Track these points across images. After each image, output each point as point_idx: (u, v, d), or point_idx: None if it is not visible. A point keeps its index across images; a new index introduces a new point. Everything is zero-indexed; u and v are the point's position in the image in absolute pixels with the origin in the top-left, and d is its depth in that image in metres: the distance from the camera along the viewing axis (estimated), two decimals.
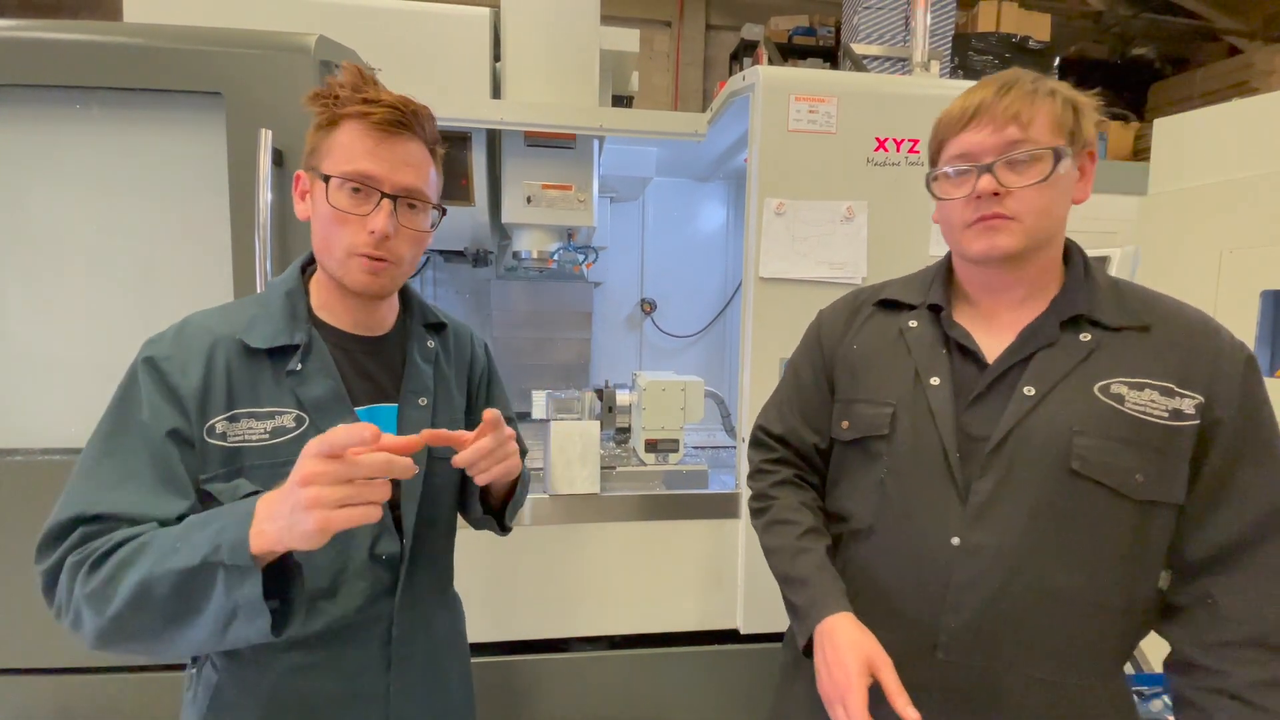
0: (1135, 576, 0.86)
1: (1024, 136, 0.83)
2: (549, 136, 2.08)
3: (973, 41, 5.21)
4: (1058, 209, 0.86)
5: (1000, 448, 0.86)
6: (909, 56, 2.34)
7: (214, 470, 0.83)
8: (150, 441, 0.80)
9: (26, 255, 1.51)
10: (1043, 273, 0.91)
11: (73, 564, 0.74)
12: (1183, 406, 0.82)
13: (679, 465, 1.99)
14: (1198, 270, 3.77)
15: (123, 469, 0.79)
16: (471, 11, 1.97)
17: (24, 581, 1.56)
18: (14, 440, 1.53)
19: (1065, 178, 0.85)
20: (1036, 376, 0.87)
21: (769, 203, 1.79)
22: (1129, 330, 0.86)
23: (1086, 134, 0.85)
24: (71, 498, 0.78)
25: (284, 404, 0.87)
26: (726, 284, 2.94)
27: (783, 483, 1.07)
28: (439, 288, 2.77)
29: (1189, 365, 0.83)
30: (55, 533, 0.77)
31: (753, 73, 1.80)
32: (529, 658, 1.85)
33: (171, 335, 0.87)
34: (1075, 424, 0.84)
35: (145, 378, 0.83)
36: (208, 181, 1.51)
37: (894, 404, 0.94)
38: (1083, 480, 0.83)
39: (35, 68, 1.42)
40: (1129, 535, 0.83)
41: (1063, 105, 0.84)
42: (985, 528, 0.86)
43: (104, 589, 0.72)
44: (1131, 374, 0.84)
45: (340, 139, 0.87)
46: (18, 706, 1.64)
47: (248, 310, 0.91)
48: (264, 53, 1.45)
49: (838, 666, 0.83)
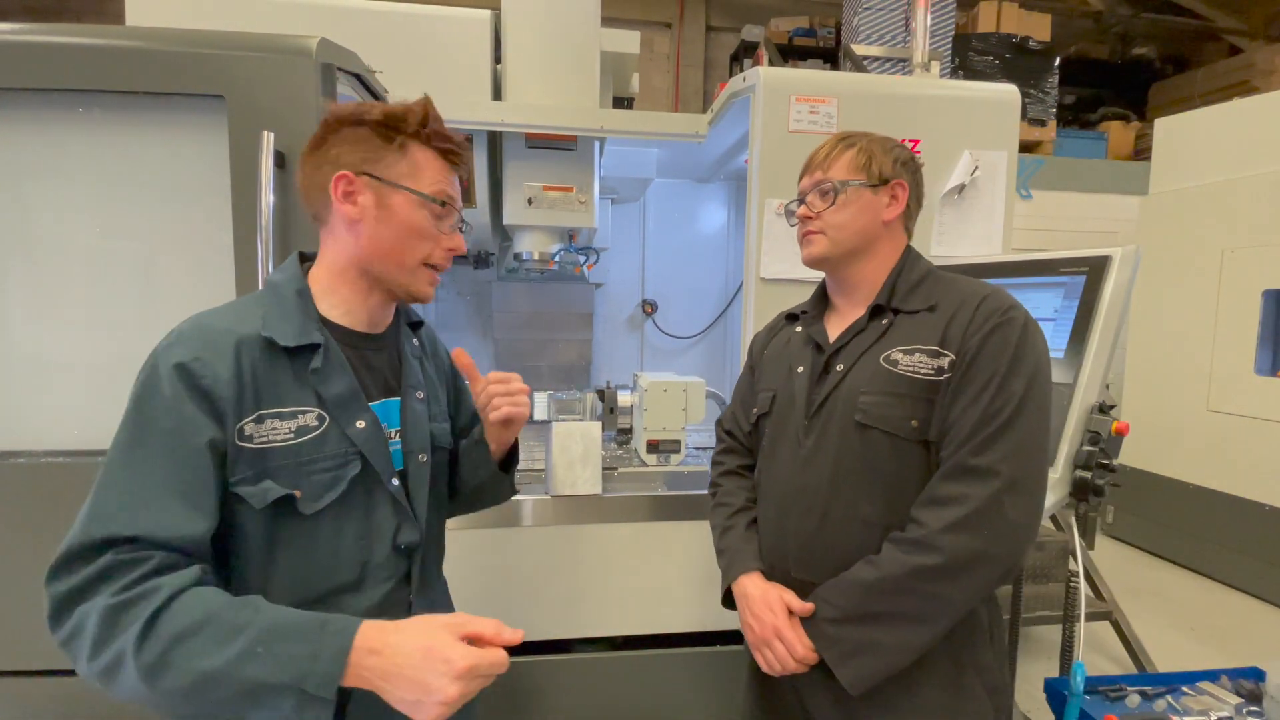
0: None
1: (825, 176, 1.13)
2: (550, 138, 2.09)
3: (973, 42, 5.21)
4: (856, 224, 1.11)
5: (819, 411, 1.10)
6: (909, 57, 2.35)
7: (242, 473, 0.81)
8: (181, 454, 0.77)
9: (29, 258, 1.52)
10: (867, 279, 1.14)
11: (112, 607, 0.69)
12: (943, 364, 1.01)
13: (680, 466, 2.00)
14: (1199, 270, 3.76)
15: (151, 485, 0.75)
16: (472, 14, 1.97)
17: (25, 583, 1.56)
18: (16, 443, 1.54)
19: (861, 202, 1.10)
20: (847, 356, 1.11)
21: (770, 203, 1.79)
22: (922, 312, 1.07)
23: (884, 172, 1.11)
24: (99, 516, 0.73)
25: (306, 403, 0.87)
26: (727, 285, 2.95)
27: (727, 472, 1.32)
28: (440, 289, 2.77)
29: (949, 330, 1.03)
30: (79, 553, 0.72)
31: (753, 74, 1.80)
32: (531, 659, 1.85)
33: (195, 337, 0.82)
34: (862, 386, 1.06)
35: (175, 384, 0.78)
36: (210, 184, 1.51)
37: (775, 389, 1.21)
38: (869, 430, 1.04)
39: (38, 71, 1.43)
40: (917, 470, 1.03)
41: (858, 152, 1.12)
42: (809, 473, 1.10)
43: (161, 661, 0.68)
44: (907, 342, 1.05)
45: (418, 159, 0.93)
46: (20, 709, 1.64)
47: (258, 308, 0.88)
48: (266, 56, 1.45)
49: (757, 615, 1.07)
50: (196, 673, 0.67)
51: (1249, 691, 1.72)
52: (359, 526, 0.90)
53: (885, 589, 0.98)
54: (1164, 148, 4.06)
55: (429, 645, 0.71)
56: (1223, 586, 3.58)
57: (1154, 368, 3.95)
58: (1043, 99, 5.24)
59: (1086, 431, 1.34)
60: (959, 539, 0.94)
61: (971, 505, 0.94)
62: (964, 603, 0.97)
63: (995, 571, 0.96)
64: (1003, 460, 0.95)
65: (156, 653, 0.67)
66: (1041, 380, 1.00)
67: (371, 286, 0.95)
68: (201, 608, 0.70)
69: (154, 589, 0.70)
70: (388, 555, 0.94)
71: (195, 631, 0.68)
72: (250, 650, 0.68)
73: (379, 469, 0.91)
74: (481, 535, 1.77)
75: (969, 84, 1.98)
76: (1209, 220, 3.70)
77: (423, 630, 0.73)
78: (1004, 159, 1.91)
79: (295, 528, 0.85)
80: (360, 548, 0.90)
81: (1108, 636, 2.78)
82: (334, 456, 0.87)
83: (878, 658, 0.98)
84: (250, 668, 0.67)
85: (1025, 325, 1.01)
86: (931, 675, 1.03)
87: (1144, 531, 4.06)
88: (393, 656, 0.70)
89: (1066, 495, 1.35)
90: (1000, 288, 1.07)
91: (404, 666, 0.69)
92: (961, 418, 0.98)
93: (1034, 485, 0.98)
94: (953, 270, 1.37)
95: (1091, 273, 1.43)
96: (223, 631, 0.69)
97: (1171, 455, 3.84)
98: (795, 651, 1.02)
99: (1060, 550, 2.83)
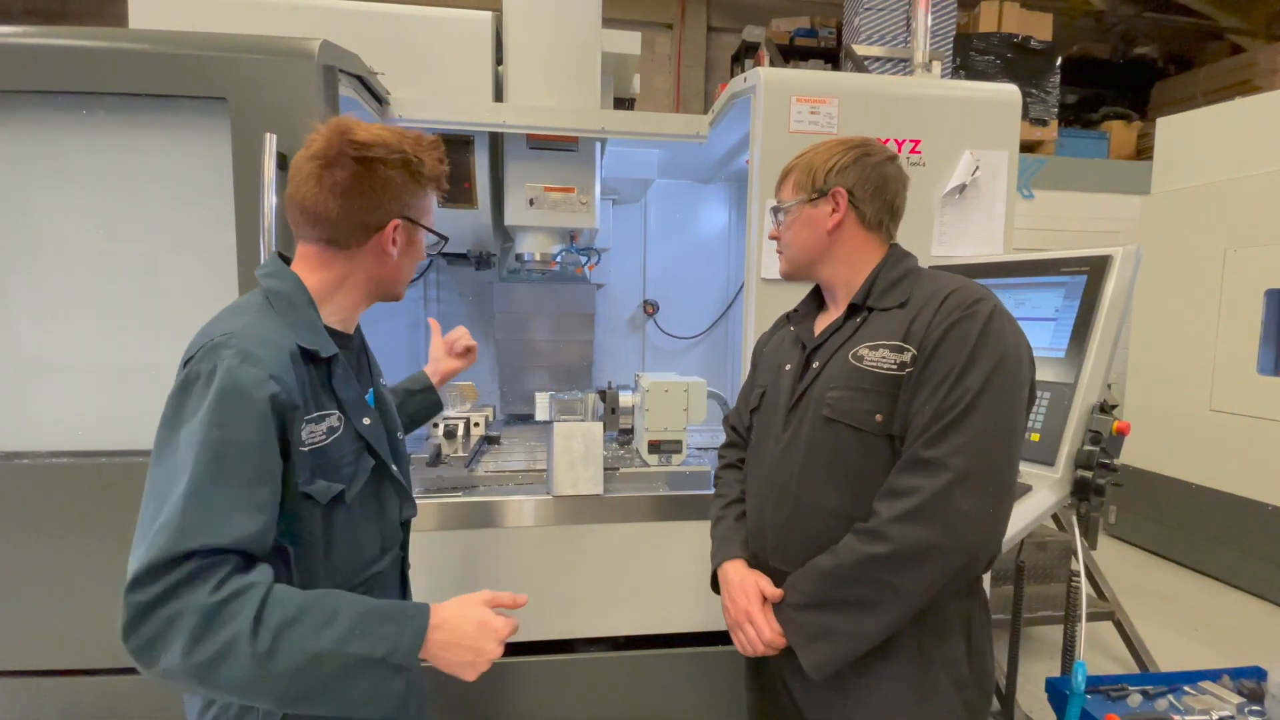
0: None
1: (777, 199, 1.24)
2: (551, 139, 2.09)
3: (974, 42, 5.21)
4: (800, 240, 1.18)
5: (795, 407, 1.15)
6: (910, 57, 2.35)
7: (303, 475, 0.90)
8: (264, 467, 0.83)
9: (32, 259, 1.52)
10: (840, 282, 1.18)
11: (215, 604, 0.76)
12: (905, 358, 1.03)
13: (682, 466, 2.00)
14: (1201, 269, 3.75)
15: (238, 498, 0.81)
16: (473, 15, 1.97)
17: (29, 583, 1.57)
18: (21, 443, 1.54)
19: (803, 218, 1.17)
20: (823, 353, 1.14)
21: (771, 204, 1.79)
22: (893, 309, 1.09)
23: (817, 184, 1.15)
24: (188, 528, 0.77)
25: (329, 406, 0.97)
26: (729, 285, 2.95)
27: (728, 465, 1.39)
28: (442, 290, 2.78)
29: (914, 325, 1.04)
30: (166, 563, 0.76)
31: (754, 74, 1.81)
32: (533, 659, 1.85)
33: (263, 353, 0.87)
34: (831, 382, 1.10)
35: (258, 400, 0.83)
36: (212, 186, 1.52)
37: (765, 386, 1.26)
38: (835, 424, 1.08)
39: (41, 73, 1.44)
40: (882, 463, 1.05)
41: (800, 171, 1.18)
42: (783, 467, 1.15)
43: (273, 647, 0.77)
44: (874, 338, 1.08)
45: (429, 203, 1.07)
46: (22, 708, 1.65)
47: (280, 319, 0.94)
48: (268, 58, 1.46)
49: (734, 599, 1.14)
50: (308, 653, 0.79)
51: (1251, 691, 1.72)
52: (376, 509, 1.06)
53: (841, 577, 1.02)
54: (1166, 147, 4.06)
55: (481, 619, 0.90)
56: (1225, 586, 3.58)
57: (1156, 367, 3.94)
58: (1044, 98, 5.23)
59: (1088, 431, 1.34)
60: (907, 529, 0.96)
61: (921, 497, 0.96)
62: (918, 592, 0.98)
63: (949, 563, 0.97)
64: (954, 453, 0.96)
65: (269, 640, 0.77)
66: (1005, 372, 0.99)
67: (371, 297, 1.07)
68: (294, 601, 0.81)
69: (249, 586, 0.79)
70: (395, 529, 1.11)
71: (297, 620, 0.79)
72: (350, 633, 0.81)
73: (384, 457, 1.05)
74: (483, 535, 1.78)
75: (969, 84, 1.98)
76: (1211, 220, 3.69)
77: (471, 606, 0.92)
78: (1005, 159, 1.91)
79: (340, 516, 0.97)
80: (378, 527, 1.06)
81: (1110, 636, 2.78)
82: (353, 451, 1.00)
83: (835, 643, 1.02)
84: (352, 645, 0.81)
85: (990, 318, 1.00)
86: (896, 665, 1.05)
87: (1146, 531, 4.05)
88: (452, 631, 0.88)
89: (1068, 495, 1.35)
90: (973, 282, 1.08)
91: (463, 637, 0.89)
92: (919, 412, 1.00)
93: (990, 478, 0.97)
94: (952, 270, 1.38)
95: (1092, 272, 1.43)
96: (321, 619, 0.81)
97: (1173, 455, 3.84)
98: (763, 635, 1.08)
99: (1062, 550, 2.83)
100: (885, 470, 1.05)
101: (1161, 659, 2.65)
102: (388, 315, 2.75)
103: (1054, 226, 4.94)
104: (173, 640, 0.75)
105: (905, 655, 1.05)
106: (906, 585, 0.98)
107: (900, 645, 1.05)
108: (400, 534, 1.15)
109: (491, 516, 1.78)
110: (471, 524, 1.77)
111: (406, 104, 1.84)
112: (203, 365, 0.84)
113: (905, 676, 1.06)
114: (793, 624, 1.07)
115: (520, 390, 2.74)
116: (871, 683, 1.07)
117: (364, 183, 0.96)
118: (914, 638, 1.05)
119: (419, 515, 1.21)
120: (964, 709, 1.07)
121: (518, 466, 2.00)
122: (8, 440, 1.54)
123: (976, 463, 0.96)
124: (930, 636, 1.06)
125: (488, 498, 1.79)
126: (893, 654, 1.05)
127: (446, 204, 2.11)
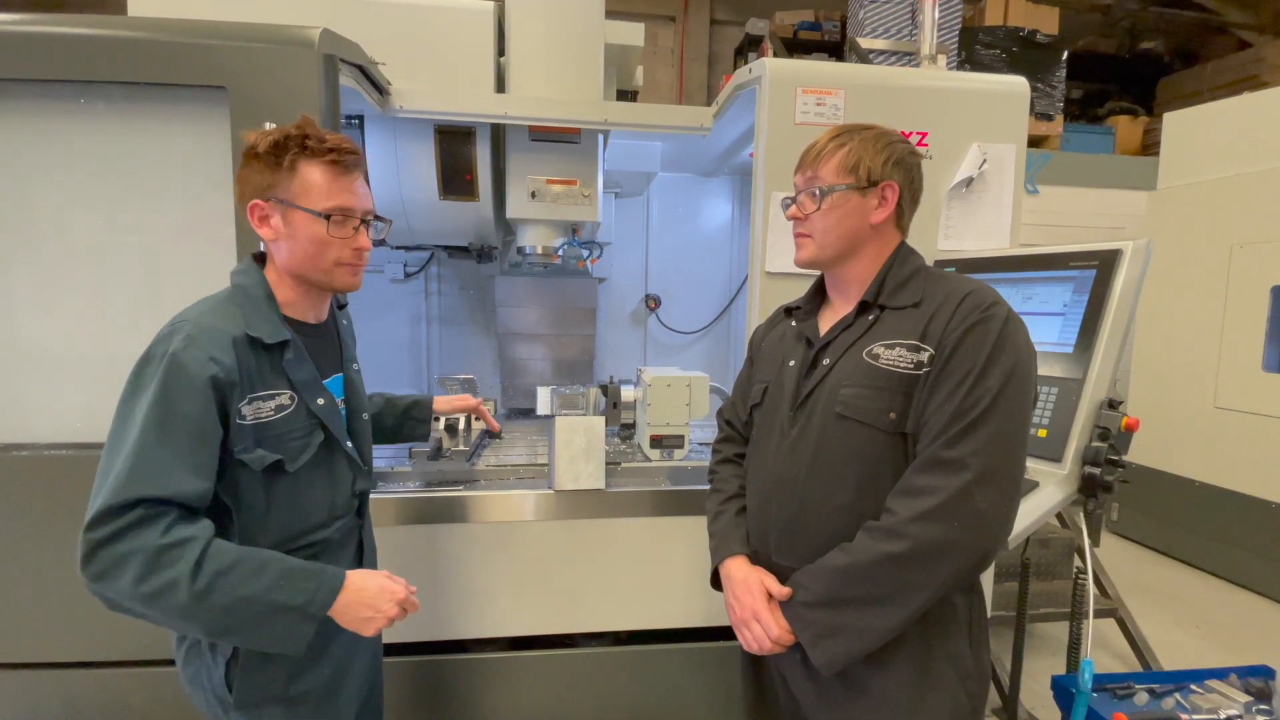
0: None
1: (816, 175, 1.13)
2: (553, 131, 2.07)
3: (980, 35, 5.17)
4: (842, 228, 1.11)
5: (804, 404, 1.14)
6: (915, 51, 2.32)
7: (242, 444, 1.03)
8: (201, 433, 0.97)
9: (30, 250, 1.51)
10: (858, 278, 1.15)
11: (161, 546, 0.91)
12: (922, 358, 1.03)
13: (684, 461, 1.99)
14: (1207, 265, 3.73)
15: (179, 456, 0.95)
16: (475, 5, 1.96)
17: (31, 576, 1.57)
18: (20, 435, 1.54)
19: (848, 206, 1.11)
20: (833, 350, 1.13)
21: (775, 197, 1.77)
22: (907, 308, 1.09)
23: (873, 174, 1.10)
24: (135, 479, 0.92)
25: (280, 386, 1.08)
26: (732, 279, 2.93)
27: (724, 459, 1.37)
28: (443, 283, 2.76)
29: (931, 325, 1.04)
30: (116, 509, 0.90)
31: (759, 64, 1.79)
32: (534, 654, 1.85)
33: (206, 337, 1.00)
34: (844, 380, 1.09)
35: (198, 377, 0.97)
36: (211, 176, 1.50)
37: (767, 381, 1.24)
38: (847, 421, 1.07)
39: (39, 62, 1.42)
40: (893, 461, 1.06)
41: (849, 153, 1.11)
42: (791, 463, 1.13)
43: (209, 587, 0.92)
44: (889, 337, 1.07)
45: (312, 178, 1.07)
46: (25, 701, 1.65)
47: (236, 309, 1.06)
48: (267, 46, 1.44)
49: (739, 597, 1.13)
50: (238, 596, 0.94)
51: (1259, 690, 1.71)
52: (326, 479, 1.16)
53: (855, 574, 1.01)
54: (1172, 142, 4.03)
55: (382, 585, 1.07)
56: (1229, 584, 3.56)
57: (1161, 364, 3.92)
58: (1050, 93, 5.19)
59: (1096, 427, 1.33)
60: (926, 528, 0.97)
61: (941, 496, 0.97)
62: (932, 590, 0.99)
63: (964, 561, 0.98)
64: (974, 454, 0.97)
65: (205, 582, 0.92)
66: (1020, 376, 1.00)
67: (307, 287, 1.14)
68: (229, 553, 0.96)
69: (191, 537, 0.93)
70: (347, 499, 1.21)
71: (231, 569, 0.95)
72: (275, 583, 0.97)
73: (336, 434, 1.16)
74: (484, 529, 1.77)
75: (977, 75, 1.96)
76: (1217, 216, 3.67)
77: (376, 576, 1.08)
78: (1012, 151, 1.89)
79: (282, 484, 1.08)
80: (327, 496, 1.16)
81: (1112, 634, 2.77)
82: (304, 427, 1.11)
83: (848, 640, 1.02)
84: (275, 594, 0.97)
85: (1006, 322, 1.02)
86: (903, 659, 1.06)
87: (1149, 529, 4.04)
88: (359, 591, 1.04)
89: (1075, 491, 1.34)
90: (986, 285, 1.08)
91: (366, 595, 1.05)
92: (937, 412, 1.00)
93: (1006, 478, 0.99)
94: (960, 264, 1.37)
95: (1102, 266, 1.41)
96: (251, 569, 0.96)
97: (1178, 452, 3.82)
98: (771, 632, 1.08)
99: (1066, 547, 2.81)
100: (894, 466, 1.05)
101: (1164, 656, 2.64)
102: (387, 310, 2.74)
103: (1059, 222, 4.91)
104: (123, 573, 0.90)
105: (910, 649, 1.06)
106: (921, 583, 0.98)
107: (905, 639, 1.05)
108: (354, 504, 1.24)
109: (493, 511, 1.77)
110: (472, 518, 1.76)
111: (408, 95, 1.83)
112: (158, 347, 0.99)
113: (910, 670, 1.06)
114: (802, 621, 1.06)
115: (521, 384, 2.73)
116: (878, 674, 1.07)
117: (239, 180, 1.09)
118: (919, 631, 1.05)
119: (422, 509, 1.23)
120: (967, 699, 1.07)
121: (519, 461, 1.99)
122: (7, 432, 1.54)
123: (995, 462, 0.97)
124: (935, 630, 1.06)
125: (489, 492, 1.78)
126: (898, 647, 1.05)
127: (448, 196, 2.10)
